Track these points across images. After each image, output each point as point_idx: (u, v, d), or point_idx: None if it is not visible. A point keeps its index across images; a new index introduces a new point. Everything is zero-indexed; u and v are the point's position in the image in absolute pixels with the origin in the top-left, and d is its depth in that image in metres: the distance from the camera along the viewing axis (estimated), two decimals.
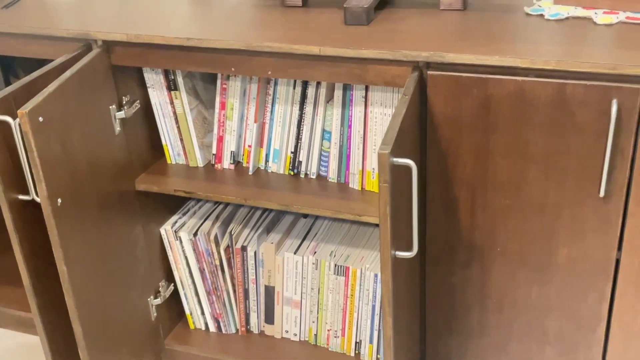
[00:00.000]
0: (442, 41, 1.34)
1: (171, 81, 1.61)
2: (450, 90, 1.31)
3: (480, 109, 1.31)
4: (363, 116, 1.52)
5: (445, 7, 1.48)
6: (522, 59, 1.23)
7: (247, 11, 1.57)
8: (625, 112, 1.21)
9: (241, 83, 1.61)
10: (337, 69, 1.38)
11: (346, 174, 1.60)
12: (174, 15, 1.58)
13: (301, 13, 1.53)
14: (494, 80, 1.27)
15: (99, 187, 1.52)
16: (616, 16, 1.35)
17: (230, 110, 1.63)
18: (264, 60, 1.41)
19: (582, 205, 1.31)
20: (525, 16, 1.41)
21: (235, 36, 1.42)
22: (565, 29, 1.34)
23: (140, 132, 1.66)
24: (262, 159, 1.67)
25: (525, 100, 1.26)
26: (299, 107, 1.59)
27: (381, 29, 1.41)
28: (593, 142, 1.25)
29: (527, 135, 1.29)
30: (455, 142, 1.35)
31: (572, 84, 1.22)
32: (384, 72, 1.35)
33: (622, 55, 1.22)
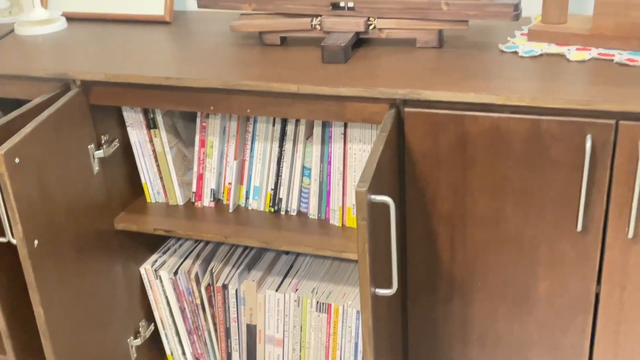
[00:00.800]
0: (419, 78, 1.35)
1: (150, 120, 1.61)
2: (427, 127, 1.32)
3: (457, 145, 1.32)
4: (342, 152, 1.53)
5: (421, 44, 1.50)
6: (497, 95, 1.25)
7: (226, 50, 1.58)
8: (600, 147, 1.22)
9: (221, 121, 1.61)
10: (315, 107, 1.39)
11: (327, 210, 1.60)
12: (152, 54, 1.59)
13: (280, 51, 1.55)
14: (470, 116, 1.29)
15: (77, 227, 1.51)
16: (589, 52, 1.38)
17: (210, 148, 1.63)
18: (242, 98, 1.42)
19: (560, 240, 1.32)
20: (500, 53, 1.44)
21: (214, 75, 1.43)
22: (539, 65, 1.36)
23: (120, 170, 1.66)
24: (242, 196, 1.67)
25: (501, 136, 1.28)
26: (278, 144, 1.59)
27: (358, 67, 1.43)
28: (569, 176, 1.26)
29: (504, 171, 1.30)
30: (433, 178, 1.36)
31: (546, 119, 1.24)
32: (361, 109, 1.36)
33: (596, 91, 1.24)
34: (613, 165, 1.23)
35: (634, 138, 1.19)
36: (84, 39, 1.72)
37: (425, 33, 1.49)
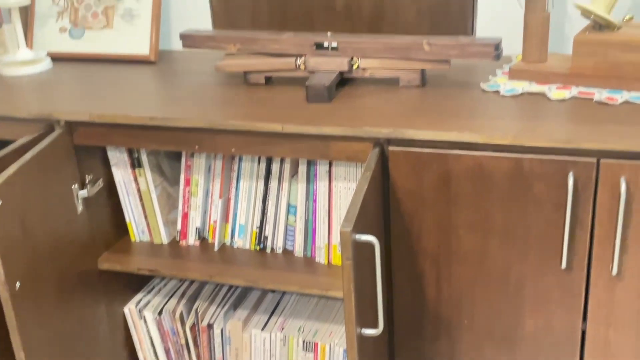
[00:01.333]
0: (402, 117, 1.36)
1: (135, 159, 1.61)
2: (411, 166, 1.33)
3: (441, 184, 1.32)
4: (327, 190, 1.53)
5: (404, 84, 1.52)
6: (480, 134, 1.26)
7: (211, 89, 1.59)
8: (582, 185, 1.23)
9: (206, 160, 1.61)
10: (300, 146, 1.39)
11: (312, 248, 1.59)
12: (137, 94, 1.60)
13: (264, 91, 1.56)
14: (453, 155, 1.30)
15: (60, 268, 1.49)
16: (569, 91, 1.40)
17: (195, 186, 1.63)
18: (227, 138, 1.43)
19: (545, 277, 1.32)
20: (481, 92, 1.45)
21: (199, 115, 1.43)
22: (520, 104, 1.38)
23: (104, 210, 1.65)
24: (227, 234, 1.66)
25: (484, 175, 1.29)
26: (263, 183, 1.60)
27: (343, 106, 1.44)
28: (552, 214, 1.27)
29: (487, 209, 1.31)
30: (418, 216, 1.36)
31: (529, 158, 1.25)
32: (346, 148, 1.37)
33: (576, 130, 1.25)
34: (595, 203, 1.24)
35: (616, 176, 1.21)
36: (69, 79, 1.72)
37: (408, 72, 1.51)
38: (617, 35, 1.38)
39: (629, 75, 1.36)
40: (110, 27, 1.83)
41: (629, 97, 1.34)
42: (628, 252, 1.25)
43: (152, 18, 1.80)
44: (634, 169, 1.19)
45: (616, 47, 1.36)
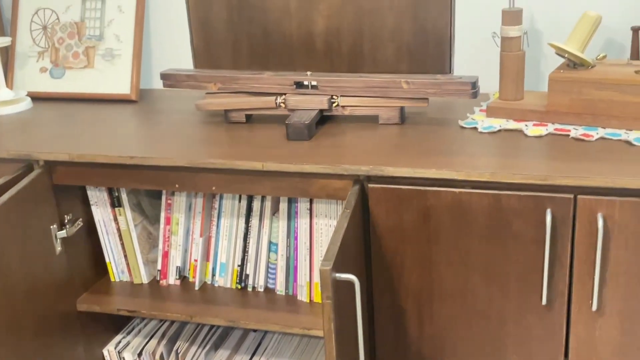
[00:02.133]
0: (382, 155, 1.37)
1: (115, 198, 1.60)
2: (391, 202, 1.33)
3: (421, 220, 1.33)
4: (309, 228, 1.53)
5: (383, 121, 1.53)
6: (458, 171, 1.27)
7: (191, 128, 1.60)
8: (560, 221, 1.24)
9: (186, 198, 1.61)
10: (280, 184, 1.40)
11: (294, 286, 1.58)
12: (118, 133, 1.60)
13: (245, 129, 1.56)
14: (433, 192, 1.30)
15: (38, 310, 1.47)
16: (545, 128, 1.42)
17: (175, 225, 1.62)
18: (208, 176, 1.43)
19: (526, 314, 1.32)
20: (460, 129, 1.47)
21: (179, 153, 1.43)
22: (498, 141, 1.40)
23: (83, 250, 1.63)
24: (208, 273, 1.65)
25: (463, 211, 1.29)
26: (244, 220, 1.59)
27: (323, 144, 1.45)
28: (531, 250, 1.28)
29: (467, 245, 1.31)
30: (399, 253, 1.36)
31: (507, 194, 1.26)
32: (326, 185, 1.37)
33: (553, 166, 1.27)
34: (574, 239, 1.25)
35: (593, 212, 1.22)
36: (49, 119, 1.72)
37: (387, 110, 1.53)
38: (591, 73, 1.40)
39: (604, 113, 1.38)
40: (91, 66, 1.84)
41: (604, 134, 1.36)
42: (607, 288, 1.26)
43: (133, 57, 1.81)
44: (611, 205, 1.21)
45: (590, 85, 1.38)
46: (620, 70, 1.40)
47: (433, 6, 1.67)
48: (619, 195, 1.20)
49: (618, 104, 1.36)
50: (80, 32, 1.84)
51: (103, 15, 1.83)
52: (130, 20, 1.81)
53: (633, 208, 1.20)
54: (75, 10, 1.85)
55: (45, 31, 1.87)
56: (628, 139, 1.33)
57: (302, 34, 1.78)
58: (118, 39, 1.82)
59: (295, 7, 1.76)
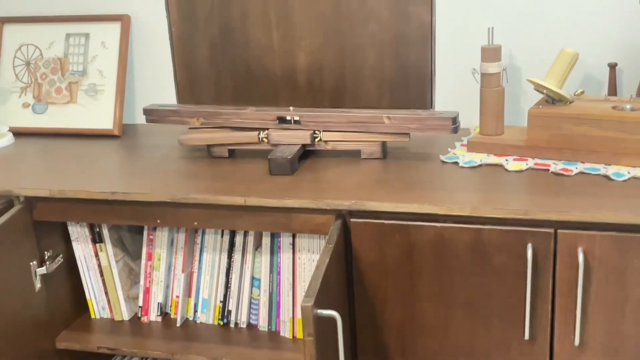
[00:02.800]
0: (364, 189, 1.37)
1: (96, 234, 1.59)
2: (373, 237, 1.34)
3: (403, 255, 1.33)
4: (291, 263, 1.53)
5: (366, 156, 1.54)
6: (439, 206, 1.28)
7: (174, 163, 1.59)
8: (541, 256, 1.25)
9: (168, 233, 1.60)
10: (263, 218, 1.39)
11: (277, 322, 1.57)
12: (100, 168, 1.59)
13: (228, 164, 1.56)
14: (415, 226, 1.31)
15: (16, 348, 1.44)
16: (525, 163, 1.43)
17: (157, 260, 1.61)
18: (189, 211, 1.42)
19: (509, 348, 1.32)
20: (441, 164, 1.48)
21: (161, 189, 1.43)
22: (479, 175, 1.41)
23: (63, 287, 1.61)
24: (190, 309, 1.63)
25: (445, 246, 1.30)
26: (227, 255, 1.58)
27: (305, 179, 1.45)
28: (513, 285, 1.28)
29: (450, 280, 1.31)
30: (381, 288, 1.36)
31: (488, 229, 1.26)
32: (308, 220, 1.37)
33: (534, 201, 1.28)
34: (555, 273, 1.25)
35: (573, 246, 1.23)
36: (31, 155, 1.71)
37: (369, 145, 1.53)
38: (570, 108, 1.42)
39: (583, 147, 1.40)
40: (74, 102, 1.84)
41: (583, 169, 1.38)
42: (589, 322, 1.26)
43: (117, 93, 1.81)
44: (591, 240, 1.21)
45: (569, 120, 1.40)
46: (598, 105, 1.42)
47: (414, 43, 1.70)
48: (599, 229, 1.21)
49: (596, 139, 1.38)
50: (64, 67, 1.85)
51: (87, 51, 1.84)
52: (114, 56, 1.82)
53: (613, 242, 1.21)
54: (59, 46, 1.85)
55: (28, 67, 1.87)
56: (607, 174, 1.35)
57: (285, 70, 1.80)
58: (101, 75, 1.83)
59: (278, 44, 1.78)
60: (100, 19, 1.84)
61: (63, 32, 1.85)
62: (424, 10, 1.67)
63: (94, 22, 1.84)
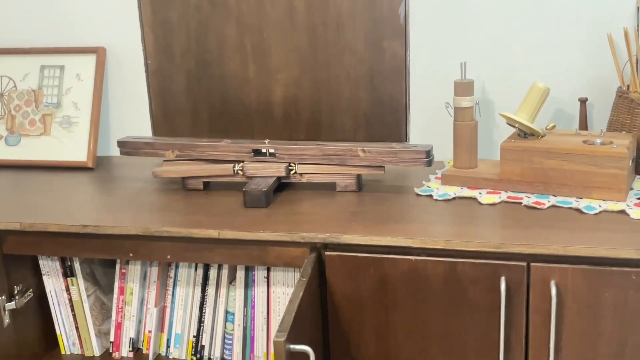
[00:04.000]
0: (339, 222, 1.37)
1: (68, 267, 1.57)
2: (348, 270, 1.33)
3: (378, 288, 1.32)
4: (266, 296, 1.51)
5: (341, 188, 1.54)
6: (413, 239, 1.28)
7: (148, 195, 1.58)
8: (514, 289, 1.25)
9: (141, 267, 1.58)
10: (237, 252, 1.38)
11: (251, 357, 1.55)
12: (72, 201, 1.57)
13: (202, 196, 1.56)
14: (389, 259, 1.30)
15: None
16: (499, 196, 1.44)
17: (129, 295, 1.59)
18: (162, 244, 1.41)
19: None
20: (415, 197, 1.48)
21: (134, 222, 1.42)
22: (452, 208, 1.41)
23: (33, 322, 1.58)
24: (163, 344, 1.61)
25: (419, 279, 1.29)
26: (201, 289, 1.57)
27: (280, 211, 1.45)
28: (487, 318, 1.27)
29: (424, 313, 1.31)
30: (356, 322, 1.35)
31: (462, 262, 1.27)
32: (283, 253, 1.36)
33: (506, 234, 1.28)
34: (529, 306, 1.26)
35: (546, 279, 1.23)
36: (2, 187, 1.69)
37: (345, 178, 1.54)
38: (541, 142, 1.44)
39: (554, 181, 1.41)
40: (47, 134, 1.83)
41: (555, 202, 1.39)
42: (563, 355, 1.26)
43: (91, 125, 1.80)
44: (563, 273, 1.22)
45: (541, 154, 1.42)
46: (569, 139, 1.44)
47: (388, 77, 1.72)
48: (571, 262, 1.22)
49: (568, 173, 1.40)
50: (38, 99, 1.84)
51: (61, 83, 1.83)
52: (89, 88, 1.82)
53: (585, 275, 1.21)
54: (33, 78, 1.85)
55: (1, 98, 1.86)
56: (579, 207, 1.36)
57: (261, 103, 1.81)
58: (76, 107, 1.82)
59: (254, 76, 1.79)
60: (75, 51, 1.83)
61: (38, 64, 1.85)
62: (399, 45, 1.69)
63: (69, 54, 1.84)
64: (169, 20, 1.79)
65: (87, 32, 1.85)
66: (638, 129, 1.45)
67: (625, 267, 1.20)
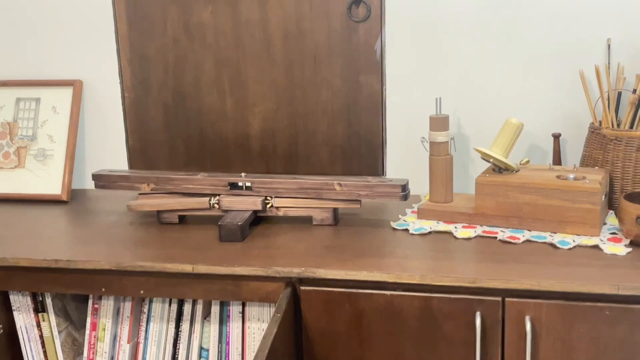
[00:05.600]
0: (315, 256, 1.37)
1: (39, 303, 1.54)
2: (323, 305, 1.32)
3: (353, 323, 1.31)
4: (241, 332, 1.49)
5: (317, 222, 1.54)
6: (389, 274, 1.27)
7: (122, 229, 1.57)
8: (489, 324, 1.25)
9: (114, 302, 1.55)
10: (211, 287, 1.37)
11: None
12: (44, 235, 1.55)
13: (177, 230, 1.54)
14: (364, 294, 1.30)
15: None
16: (474, 230, 1.44)
17: (102, 330, 1.56)
18: (136, 279, 1.39)
19: None
20: (392, 231, 1.48)
21: (106, 256, 1.40)
22: (428, 243, 1.41)
23: (2, 358, 1.54)
24: None
25: (395, 314, 1.29)
26: (175, 325, 1.54)
27: (256, 245, 1.44)
28: (463, 353, 1.27)
29: (400, 348, 1.30)
30: (331, 357, 1.33)
31: (437, 297, 1.26)
32: (258, 288, 1.35)
33: (481, 269, 1.28)
34: (504, 341, 1.25)
35: (521, 314, 1.23)
36: None
37: (321, 211, 1.53)
38: (516, 177, 1.45)
39: (529, 216, 1.42)
40: (22, 166, 1.81)
41: (530, 237, 1.39)
42: None
43: (66, 158, 1.79)
44: (538, 308, 1.22)
45: (515, 188, 1.43)
46: (543, 174, 1.46)
47: (365, 111, 1.73)
48: (545, 297, 1.22)
49: (542, 207, 1.41)
50: (13, 132, 1.82)
51: (37, 116, 1.82)
52: (65, 120, 1.81)
53: (559, 310, 1.22)
54: (8, 110, 1.83)
55: None
56: (553, 242, 1.36)
57: (238, 136, 1.81)
58: (51, 139, 1.81)
59: (232, 110, 1.80)
60: (52, 84, 1.83)
61: (13, 97, 1.84)
62: (375, 80, 1.71)
63: (45, 86, 1.83)
64: (147, 53, 1.80)
65: (64, 64, 1.84)
66: (610, 164, 1.47)
67: (599, 302, 1.20)
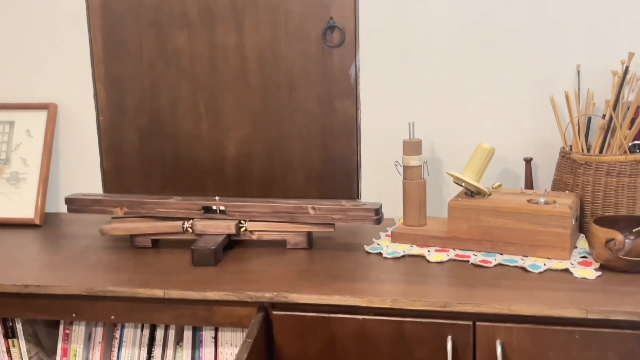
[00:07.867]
0: (288, 281, 1.36)
1: (9, 328, 1.52)
2: (295, 330, 1.31)
3: (325, 348, 1.31)
4: (214, 357, 1.48)
5: (291, 246, 1.54)
6: (361, 298, 1.27)
7: (94, 254, 1.55)
8: (461, 348, 1.25)
9: (86, 327, 1.54)
10: (183, 311, 1.36)
11: None
12: (15, 260, 1.54)
13: (150, 254, 1.53)
14: (336, 319, 1.29)
15: None
16: (447, 254, 1.45)
17: (73, 356, 1.54)
18: (107, 304, 1.38)
19: None
20: (365, 254, 1.49)
21: (77, 281, 1.38)
22: (401, 266, 1.42)
23: None
24: None
25: (367, 338, 1.28)
26: (147, 350, 1.52)
27: (229, 270, 1.43)
28: None
29: None
30: None
31: (409, 321, 1.26)
32: (230, 313, 1.34)
33: (453, 293, 1.28)
34: None
35: (491, 338, 1.23)
36: None
37: (295, 235, 1.53)
38: (487, 201, 1.46)
39: (501, 239, 1.43)
40: None
41: (502, 260, 1.40)
42: None
43: (40, 181, 1.78)
44: (508, 332, 1.22)
45: (487, 212, 1.44)
46: (515, 198, 1.47)
47: (340, 135, 1.74)
48: (515, 321, 1.22)
49: (513, 231, 1.42)
50: None
51: (10, 139, 1.81)
52: (39, 144, 1.80)
53: (529, 334, 1.22)
54: None
55: None
56: (524, 265, 1.37)
57: (213, 160, 1.81)
58: (25, 163, 1.79)
59: (207, 134, 1.80)
60: (26, 107, 1.82)
61: None
62: (349, 104, 1.72)
63: (19, 110, 1.82)
64: (122, 77, 1.80)
65: (38, 88, 1.84)
66: (581, 188, 1.49)
67: (569, 326, 1.21)
